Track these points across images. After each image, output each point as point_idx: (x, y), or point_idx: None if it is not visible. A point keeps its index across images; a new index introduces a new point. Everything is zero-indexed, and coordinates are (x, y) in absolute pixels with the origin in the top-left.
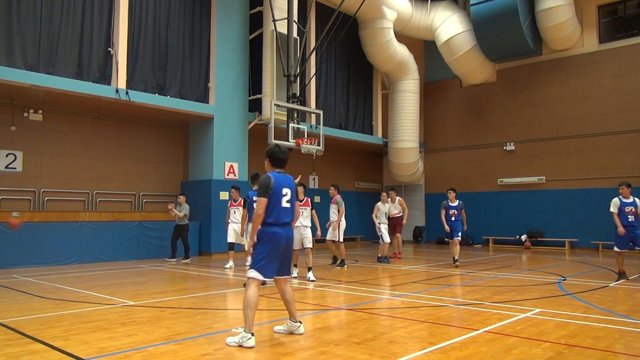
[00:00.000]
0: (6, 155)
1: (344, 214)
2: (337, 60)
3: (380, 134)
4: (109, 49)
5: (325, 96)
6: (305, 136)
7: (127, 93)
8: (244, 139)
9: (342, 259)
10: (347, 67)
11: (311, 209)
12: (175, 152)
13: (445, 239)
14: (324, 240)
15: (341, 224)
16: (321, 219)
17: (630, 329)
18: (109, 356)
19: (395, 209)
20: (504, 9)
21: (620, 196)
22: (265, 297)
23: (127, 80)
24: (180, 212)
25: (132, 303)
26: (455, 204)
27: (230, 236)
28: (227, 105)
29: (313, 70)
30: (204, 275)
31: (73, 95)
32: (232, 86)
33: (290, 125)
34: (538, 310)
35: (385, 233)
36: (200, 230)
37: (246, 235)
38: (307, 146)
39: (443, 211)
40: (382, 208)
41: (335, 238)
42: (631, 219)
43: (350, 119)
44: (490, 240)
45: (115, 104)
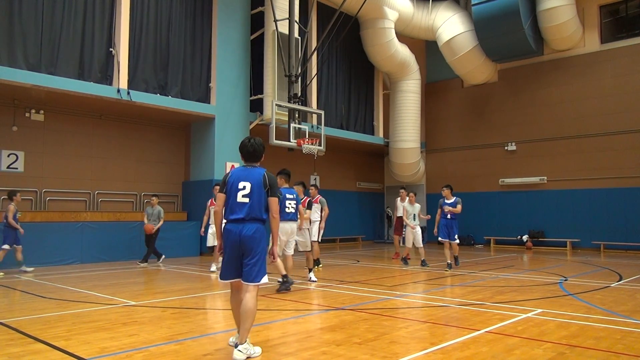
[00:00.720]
0: (8, 156)
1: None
2: (339, 61)
3: (381, 134)
4: (111, 49)
5: (326, 96)
6: (307, 136)
7: (129, 93)
8: None
9: (316, 258)
10: (349, 67)
11: (306, 209)
12: (176, 152)
13: (439, 240)
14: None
15: (323, 224)
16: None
17: (632, 329)
18: (111, 356)
19: (401, 209)
20: (505, 9)
21: None
22: (266, 298)
23: (129, 81)
24: (158, 224)
25: (134, 303)
26: (451, 200)
27: (210, 241)
28: (229, 106)
29: (314, 71)
30: (205, 276)
31: (75, 95)
32: (234, 86)
33: (292, 125)
34: (539, 310)
35: (420, 236)
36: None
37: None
38: (309, 146)
39: (439, 210)
40: (410, 209)
41: (317, 238)
42: None
43: (351, 119)
44: (492, 240)
45: (117, 104)
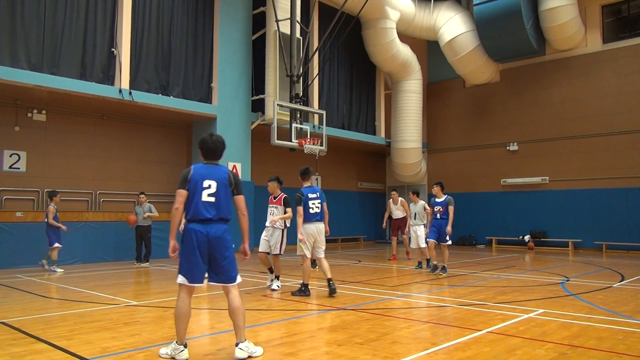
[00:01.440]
0: (10, 156)
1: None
2: (340, 61)
3: (383, 134)
4: (113, 50)
5: (328, 96)
6: (308, 136)
7: (131, 93)
8: (247, 139)
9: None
10: (350, 67)
11: (285, 208)
12: (178, 152)
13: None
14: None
15: None
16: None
17: (634, 329)
18: (112, 356)
19: (398, 210)
20: (507, 9)
21: None
22: (268, 297)
23: (131, 81)
24: (153, 213)
25: (136, 303)
26: (442, 199)
27: (263, 245)
28: (230, 106)
29: (316, 71)
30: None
31: (76, 95)
32: (235, 86)
33: (293, 125)
34: (541, 310)
35: (422, 236)
36: None
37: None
38: (310, 146)
39: (430, 209)
40: (412, 208)
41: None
42: None
43: (353, 119)
44: (494, 240)
45: (119, 104)
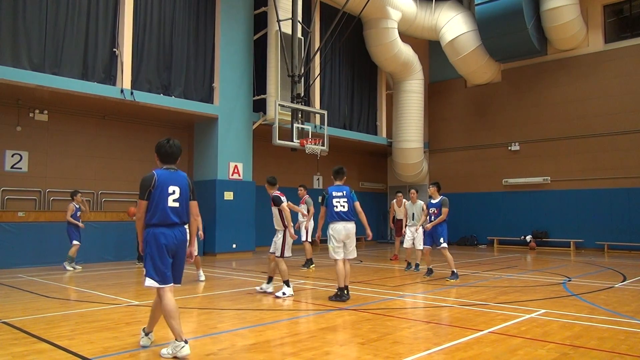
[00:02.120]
0: (12, 156)
1: (313, 214)
2: (342, 61)
3: (384, 134)
4: (114, 50)
5: (329, 96)
6: (310, 136)
7: (132, 93)
8: (249, 139)
9: (309, 258)
10: (352, 67)
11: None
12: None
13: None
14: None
15: (310, 224)
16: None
17: (636, 330)
18: (114, 355)
19: (402, 212)
20: (508, 9)
21: None
22: (269, 298)
23: (132, 81)
24: None
25: (137, 303)
26: (436, 200)
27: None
28: (232, 106)
29: (317, 71)
30: (209, 276)
31: (78, 95)
32: (237, 86)
33: (295, 125)
34: (543, 311)
35: (420, 237)
36: (205, 230)
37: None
38: (312, 146)
39: (425, 210)
40: (410, 208)
41: (305, 238)
42: None
43: (354, 119)
44: (495, 240)
45: (120, 105)
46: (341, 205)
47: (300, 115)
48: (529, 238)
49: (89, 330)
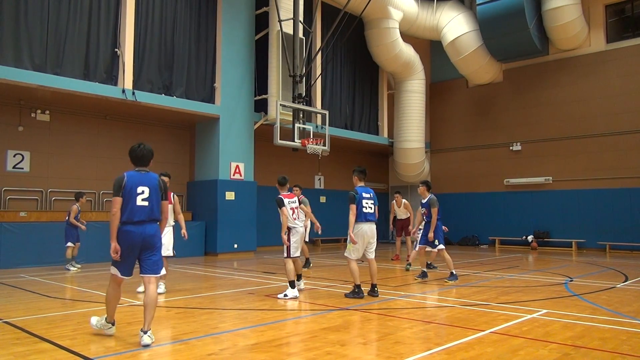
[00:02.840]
0: (14, 156)
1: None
2: (343, 61)
3: (386, 134)
4: (116, 50)
5: (330, 96)
6: (311, 136)
7: (134, 93)
8: (250, 139)
9: (306, 257)
10: (353, 67)
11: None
12: (181, 153)
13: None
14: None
15: (307, 223)
16: (327, 220)
17: (638, 330)
18: (115, 355)
19: (401, 212)
20: (510, 9)
21: None
22: (271, 298)
23: (134, 81)
24: None
25: (139, 303)
26: (425, 199)
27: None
28: (233, 106)
29: (319, 71)
30: (210, 275)
31: (80, 95)
32: (238, 86)
33: (296, 125)
34: (545, 311)
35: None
36: (206, 230)
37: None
38: (313, 146)
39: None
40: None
41: (306, 239)
42: None
43: (355, 119)
44: (497, 240)
45: (122, 105)
46: (369, 206)
47: (301, 115)
48: (530, 238)
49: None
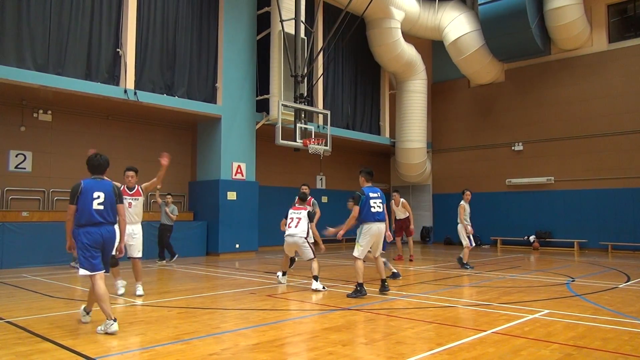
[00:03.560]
0: (16, 156)
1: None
2: (345, 61)
3: (387, 134)
4: (118, 50)
5: (332, 96)
6: (313, 136)
7: (136, 93)
8: (252, 139)
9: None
10: (355, 67)
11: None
12: (183, 153)
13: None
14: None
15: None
16: (328, 220)
17: None
18: (117, 355)
19: (400, 211)
20: (512, 9)
21: None
22: (272, 298)
23: (136, 81)
24: (173, 215)
25: (140, 303)
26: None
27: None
28: (235, 106)
29: (320, 71)
30: (212, 275)
31: (82, 95)
32: (240, 86)
33: (298, 125)
34: (546, 311)
35: (470, 237)
36: (208, 230)
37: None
38: (315, 146)
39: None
40: (468, 208)
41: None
42: None
43: (357, 119)
44: (499, 240)
45: (124, 105)
46: (377, 206)
47: (303, 115)
48: (532, 238)
49: (93, 330)
